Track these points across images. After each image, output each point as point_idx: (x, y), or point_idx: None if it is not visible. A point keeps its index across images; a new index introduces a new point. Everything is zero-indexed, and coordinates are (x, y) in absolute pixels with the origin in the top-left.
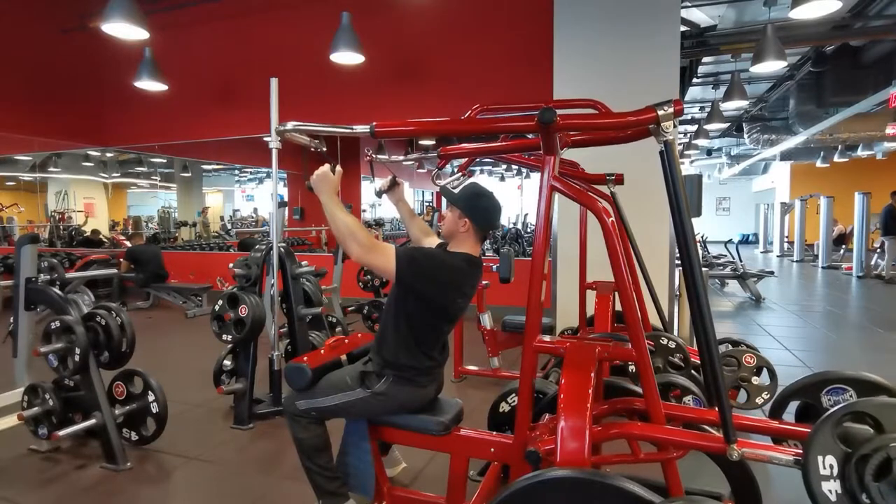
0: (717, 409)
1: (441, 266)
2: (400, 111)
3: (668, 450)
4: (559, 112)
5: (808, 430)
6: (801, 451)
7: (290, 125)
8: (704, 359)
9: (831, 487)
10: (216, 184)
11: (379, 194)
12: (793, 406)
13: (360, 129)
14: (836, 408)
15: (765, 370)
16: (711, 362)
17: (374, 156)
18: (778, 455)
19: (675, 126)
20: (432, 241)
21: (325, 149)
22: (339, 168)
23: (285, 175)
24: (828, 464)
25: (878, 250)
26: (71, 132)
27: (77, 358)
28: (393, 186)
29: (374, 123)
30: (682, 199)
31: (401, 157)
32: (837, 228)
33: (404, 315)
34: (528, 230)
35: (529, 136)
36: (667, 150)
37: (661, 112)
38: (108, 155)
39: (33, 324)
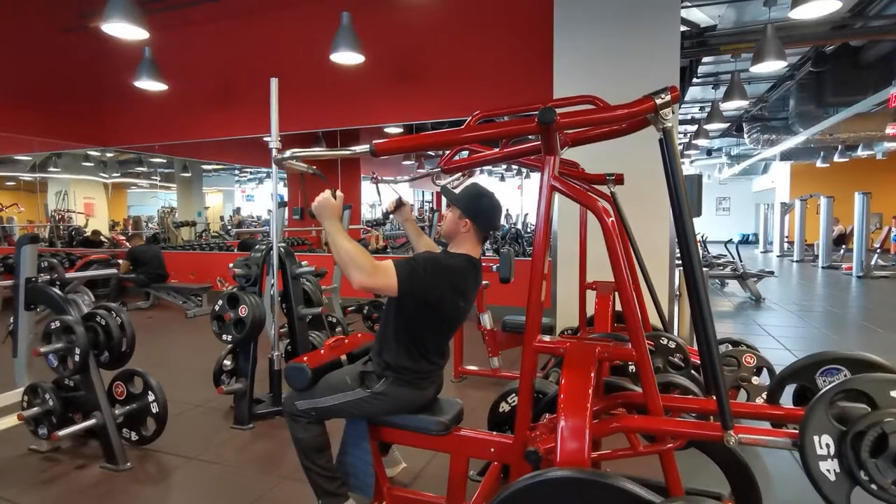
0: (714, 396)
1: (441, 270)
2: (400, 111)
3: (666, 440)
4: (558, 111)
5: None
6: (797, 433)
7: (288, 153)
8: (702, 344)
9: (829, 467)
10: (216, 184)
11: (386, 215)
12: (790, 393)
13: (360, 148)
14: (828, 386)
15: (765, 370)
16: (709, 349)
17: (378, 177)
18: (775, 439)
19: (673, 112)
20: None
21: (312, 168)
22: (339, 193)
23: (285, 175)
24: (824, 443)
25: None
26: (71, 132)
27: (77, 358)
28: (399, 207)
29: (374, 142)
30: (681, 187)
31: (405, 178)
32: (837, 228)
33: (404, 318)
34: (528, 230)
35: (530, 136)
36: (665, 137)
37: (658, 101)
38: (108, 155)
39: (33, 324)
